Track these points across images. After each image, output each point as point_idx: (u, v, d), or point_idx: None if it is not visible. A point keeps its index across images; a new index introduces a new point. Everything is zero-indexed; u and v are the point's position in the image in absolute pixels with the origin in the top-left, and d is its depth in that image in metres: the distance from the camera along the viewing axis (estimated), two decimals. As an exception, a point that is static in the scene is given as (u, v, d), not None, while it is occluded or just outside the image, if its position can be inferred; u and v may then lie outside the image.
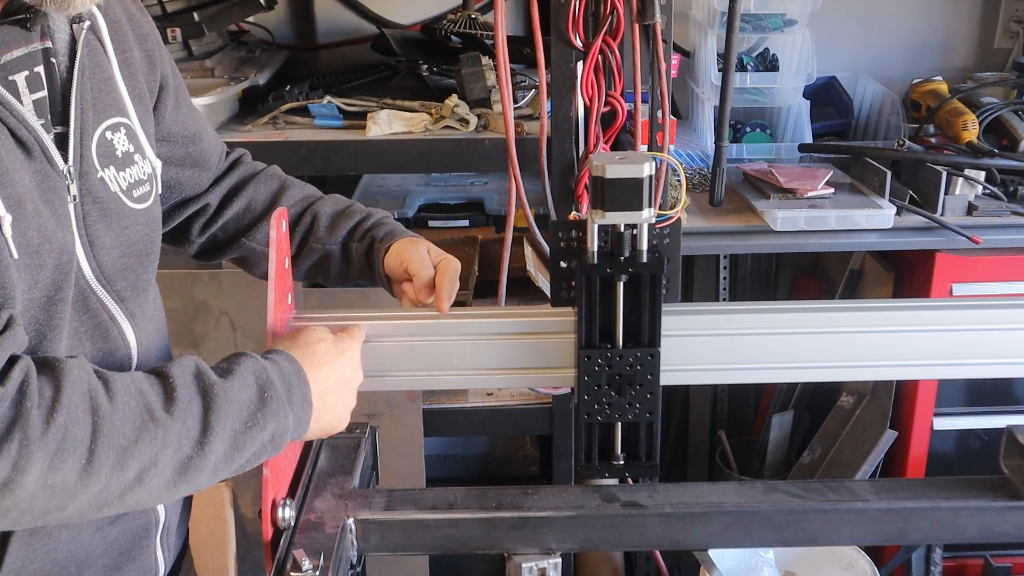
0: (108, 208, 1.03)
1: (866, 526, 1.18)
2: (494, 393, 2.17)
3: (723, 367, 1.23)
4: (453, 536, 1.18)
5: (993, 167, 2.12)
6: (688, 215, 2.09)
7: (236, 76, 2.18)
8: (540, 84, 1.74)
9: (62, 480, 0.86)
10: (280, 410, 1.00)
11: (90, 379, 0.90)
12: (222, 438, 0.95)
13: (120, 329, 1.06)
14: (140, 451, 0.90)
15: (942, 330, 1.21)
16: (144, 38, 1.15)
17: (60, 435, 0.85)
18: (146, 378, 0.94)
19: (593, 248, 1.15)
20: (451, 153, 1.96)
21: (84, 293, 1.01)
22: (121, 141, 1.06)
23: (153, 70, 1.16)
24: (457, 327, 1.21)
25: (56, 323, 0.96)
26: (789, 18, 2.34)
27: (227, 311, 2.05)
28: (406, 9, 2.63)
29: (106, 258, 1.03)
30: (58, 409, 0.85)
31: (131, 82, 1.10)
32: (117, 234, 1.05)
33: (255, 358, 1.01)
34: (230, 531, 2.10)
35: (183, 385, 0.94)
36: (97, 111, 1.03)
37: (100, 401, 0.88)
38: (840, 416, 2.45)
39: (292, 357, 1.05)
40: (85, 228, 1.01)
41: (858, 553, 2.14)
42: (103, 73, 1.05)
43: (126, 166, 1.06)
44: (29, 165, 0.93)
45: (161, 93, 1.18)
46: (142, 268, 1.10)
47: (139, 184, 1.09)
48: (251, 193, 1.34)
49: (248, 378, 0.99)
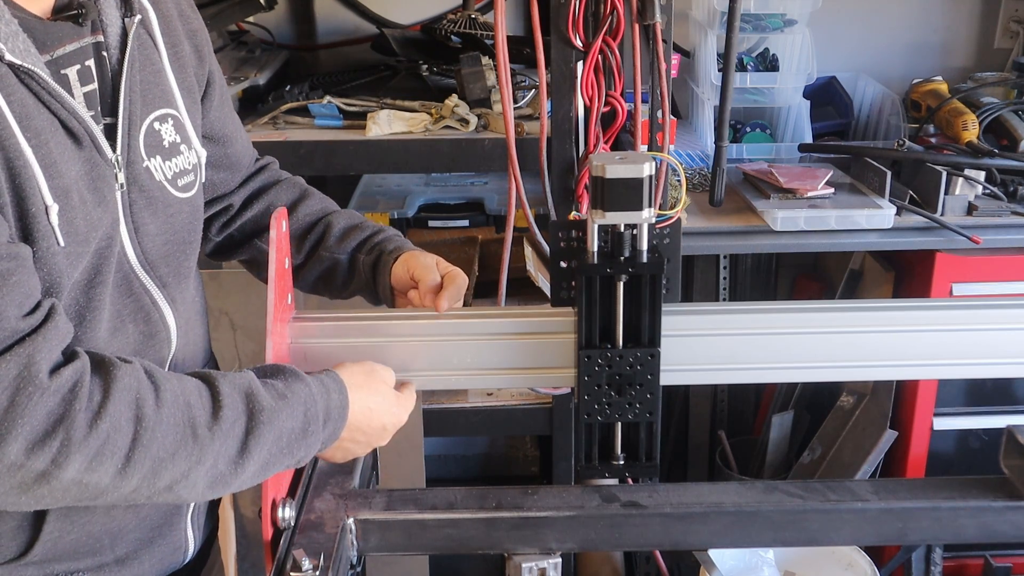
0: (153, 196, 1.06)
1: (866, 526, 1.18)
2: (494, 393, 2.17)
3: (723, 367, 1.23)
4: (453, 536, 1.18)
5: (993, 167, 2.12)
6: (688, 215, 2.09)
7: (236, 76, 2.18)
8: (540, 84, 1.74)
9: (96, 480, 0.89)
10: (314, 443, 1.04)
11: (140, 387, 0.92)
12: (256, 460, 0.98)
13: (161, 313, 1.10)
14: (176, 464, 0.93)
15: (942, 330, 1.21)
16: (194, 33, 1.18)
17: (101, 441, 0.88)
18: (197, 388, 0.97)
19: (593, 248, 1.15)
20: (451, 153, 1.96)
21: (128, 278, 1.05)
22: (168, 131, 1.09)
23: (202, 64, 1.19)
24: (457, 327, 1.21)
25: (95, 305, 1.00)
26: (789, 18, 2.34)
27: (227, 311, 2.05)
28: (406, 9, 2.63)
29: (150, 245, 1.07)
30: (103, 416, 0.88)
31: (180, 74, 1.13)
32: (162, 222, 1.08)
33: (309, 387, 1.04)
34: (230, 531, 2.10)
35: (231, 405, 0.97)
36: (146, 102, 1.06)
37: (146, 411, 0.91)
38: (840, 416, 2.45)
39: (345, 393, 1.08)
40: (131, 215, 1.04)
41: (858, 553, 2.14)
42: (153, 66, 1.08)
43: (172, 156, 1.09)
44: (79, 155, 0.96)
45: (208, 89, 1.21)
46: (184, 255, 1.14)
47: (184, 173, 1.12)
48: (272, 197, 1.36)
49: (297, 409, 1.02)
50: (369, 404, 1.11)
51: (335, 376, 1.09)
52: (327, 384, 1.07)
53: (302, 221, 1.34)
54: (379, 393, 1.13)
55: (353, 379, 1.10)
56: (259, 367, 1.06)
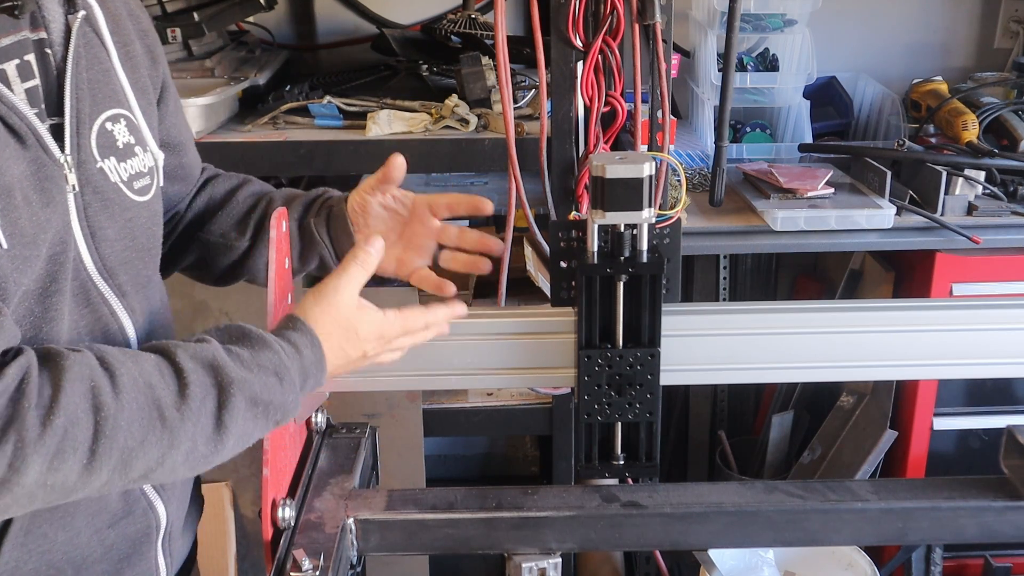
0: (109, 199, 1.02)
1: (866, 526, 1.18)
2: (494, 393, 2.17)
3: (723, 367, 1.23)
4: (453, 536, 1.17)
5: (993, 167, 2.12)
6: (688, 215, 2.09)
7: (236, 76, 2.17)
8: (540, 84, 1.74)
9: (62, 480, 0.85)
10: (292, 404, 1.00)
11: (93, 375, 0.87)
12: (234, 433, 0.94)
13: (120, 324, 1.04)
14: (146, 452, 0.89)
15: (942, 330, 1.21)
16: (144, 33, 1.15)
17: (59, 437, 0.83)
18: (156, 366, 0.92)
19: (593, 248, 1.15)
20: (451, 153, 1.96)
21: (85, 286, 1.00)
22: (122, 132, 1.05)
23: (155, 66, 1.16)
24: (457, 327, 1.21)
25: (52, 315, 0.94)
26: (789, 18, 2.34)
27: (227, 311, 2.05)
28: (406, 9, 2.63)
29: (108, 250, 1.02)
30: (56, 411, 0.84)
31: (132, 74, 1.09)
32: (120, 226, 1.04)
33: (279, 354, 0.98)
34: (230, 531, 2.10)
35: (197, 381, 0.92)
36: (96, 102, 1.02)
37: (104, 399, 0.86)
38: (840, 416, 2.45)
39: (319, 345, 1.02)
40: (87, 219, 0.99)
41: (858, 553, 2.14)
42: (101, 64, 1.04)
43: (127, 157, 1.05)
44: (24, 154, 0.92)
45: (163, 93, 1.18)
46: (143, 263, 1.09)
47: (140, 176, 1.07)
48: (210, 191, 1.32)
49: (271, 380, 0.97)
50: (345, 347, 1.06)
51: (303, 328, 1.03)
52: (297, 342, 1.01)
53: (243, 203, 1.30)
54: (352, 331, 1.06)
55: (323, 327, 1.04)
56: (220, 329, 1.00)
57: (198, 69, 2.16)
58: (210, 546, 2.04)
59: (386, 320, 1.10)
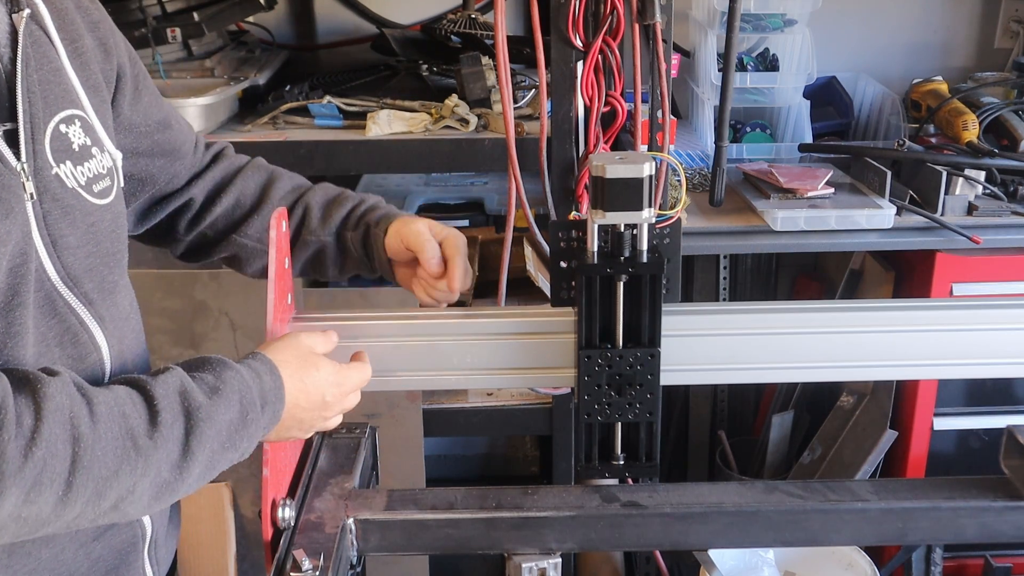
0: (69, 205, 0.98)
1: (866, 526, 1.18)
2: (494, 393, 2.17)
3: (723, 367, 1.23)
4: (453, 536, 1.18)
5: (993, 167, 2.12)
6: (688, 215, 2.09)
7: (236, 76, 2.17)
8: (540, 84, 1.74)
9: (36, 512, 0.83)
10: (255, 431, 0.99)
11: (72, 404, 0.85)
12: (200, 461, 0.93)
13: (90, 334, 1.01)
14: (120, 481, 0.87)
15: (942, 330, 1.21)
16: (95, 25, 1.09)
17: (38, 469, 0.81)
18: (129, 396, 0.91)
19: (593, 248, 1.15)
20: (451, 153, 1.96)
21: (50, 296, 0.96)
22: (76, 134, 1.00)
23: (108, 58, 1.10)
24: (457, 327, 1.21)
25: (17, 330, 0.90)
26: (789, 18, 2.33)
27: (227, 311, 2.05)
28: (406, 9, 2.63)
29: (71, 258, 0.98)
30: (37, 442, 0.81)
31: (83, 72, 1.04)
32: (82, 233, 0.99)
33: (240, 374, 0.98)
34: (230, 531, 2.10)
35: (167, 408, 0.91)
36: (48, 104, 0.97)
37: (82, 430, 0.85)
38: (840, 416, 2.45)
39: (277, 373, 1.02)
40: (47, 228, 0.95)
41: (858, 553, 2.14)
42: (51, 64, 0.99)
43: (83, 160, 1.01)
44: None
45: (119, 83, 1.12)
46: (108, 268, 1.04)
47: (99, 179, 1.03)
48: (239, 187, 1.29)
49: (233, 400, 0.96)
50: (304, 379, 1.04)
51: (263, 358, 1.03)
52: (256, 368, 1.01)
53: (277, 205, 1.27)
54: (312, 366, 1.06)
55: (280, 356, 1.04)
56: (184, 361, 0.99)
57: (198, 69, 2.16)
58: (210, 546, 2.04)
59: (342, 370, 1.10)
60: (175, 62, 2.14)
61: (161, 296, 2.02)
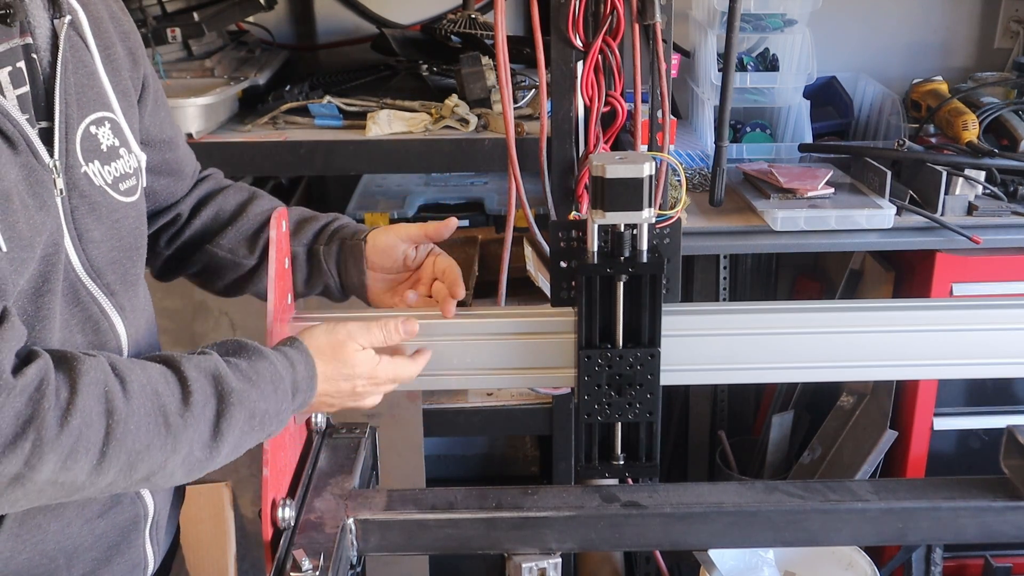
0: (95, 202, 1.04)
1: (866, 526, 1.18)
2: (494, 393, 2.17)
3: (723, 367, 1.23)
4: (453, 536, 1.18)
5: (993, 167, 2.12)
6: (688, 215, 2.09)
7: (236, 76, 2.18)
8: (540, 84, 1.74)
9: (72, 478, 0.88)
10: (285, 416, 1.05)
11: (107, 379, 0.91)
12: (229, 442, 0.98)
13: (111, 322, 1.07)
14: (151, 456, 0.93)
15: (942, 330, 1.21)
16: (126, 36, 1.15)
17: (74, 438, 0.87)
18: (163, 375, 0.96)
19: (593, 248, 1.15)
20: (451, 153, 1.96)
21: (75, 286, 1.02)
22: (106, 135, 1.07)
23: (136, 67, 1.16)
24: (457, 327, 1.21)
25: (45, 314, 0.97)
26: (789, 18, 2.33)
27: (227, 311, 2.05)
28: (406, 9, 2.63)
29: (95, 252, 1.04)
30: (73, 412, 0.87)
31: (115, 77, 1.10)
32: (107, 227, 1.05)
33: (275, 364, 1.04)
34: (230, 531, 2.10)
35: (199, 390, 0.96)
36: (81, 106, 1.03)
37: (116, 404, 0.90)
38: (840, 416, 2.45)
39: (312, 362, 1.08)
40: (74, 222, 1.01)
41: (858, 553, 2.14)
42: (86, 68, 1.05)
43: (111, 160, 1.07)
44: (15, 159, 0.94)
45: (143, 92, 1.18)
46: (131, 262, 1.10)
47: (125, 178, 1.09)
48: (220, 202, 1.32)
49: (266, 389, 1.02)
50: (339, 369, 1.10)
51: (300, 346, 1.08)
52: (291, 356, 1.06)
53: (253, 220, 1.30)
54: (348, 357, 1.11)
55: (317, 343, 1.10)
56: (220, 343, 1.05)
57: (198, 69, 2.16)
58: (210, 546, 2.04)
59: (380, 363, 1.15)
60: (175, 62, 2.14)
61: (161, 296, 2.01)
